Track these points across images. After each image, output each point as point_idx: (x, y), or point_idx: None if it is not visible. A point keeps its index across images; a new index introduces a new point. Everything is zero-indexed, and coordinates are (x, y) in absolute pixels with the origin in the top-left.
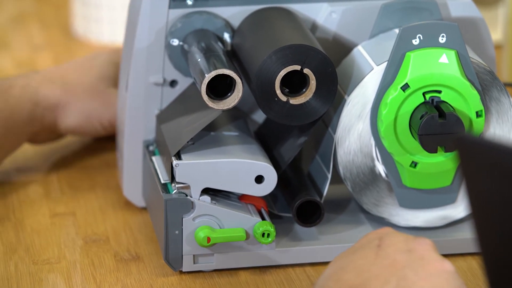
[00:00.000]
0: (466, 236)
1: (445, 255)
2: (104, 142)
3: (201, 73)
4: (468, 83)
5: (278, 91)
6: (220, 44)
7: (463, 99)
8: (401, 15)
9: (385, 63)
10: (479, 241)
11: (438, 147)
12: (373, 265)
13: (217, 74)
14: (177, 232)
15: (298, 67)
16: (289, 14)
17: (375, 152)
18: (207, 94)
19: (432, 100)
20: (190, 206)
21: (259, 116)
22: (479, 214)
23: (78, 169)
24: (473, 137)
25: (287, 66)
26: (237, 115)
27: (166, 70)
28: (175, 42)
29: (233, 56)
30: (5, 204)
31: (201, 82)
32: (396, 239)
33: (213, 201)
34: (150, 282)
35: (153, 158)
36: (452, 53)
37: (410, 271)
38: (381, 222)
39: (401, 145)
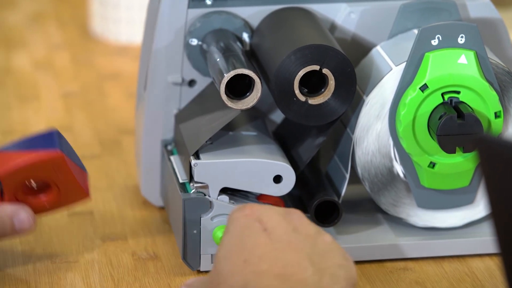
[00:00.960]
0: (484, 236)
1: (463, 256)
2: (122, 141)
3: (220, 72)
4: (487, 84)
5: (297, 91)
6: (239, 44)
7: (482, 99)
8: (420, 15)
9: (404, 64)
10: (498, 241)
11: (457, 148)
12: (274, 250)
13: (236, 74)
14: (195, 231)
15: (317, 67)
16: (308, 14)
17: (393, 153)
18: (226, 93)
19: (451, 100)
20: (208, 205)
21: (278, 116)
22: (499, 214)
23: (96, 168)
24: (492, 138)
25: (306, 66)
26: (255, 115)
27: (184, 70)
28: (194, 41)
29: (252, 56)
30: None
31: (220, 82)
32: (275, 218)
33: (231, 201)
34: (168, 281)
35: (172, 157)
36: (471, 54)
37: (311, 250)
38: (399, 222)
39: (420, 146)
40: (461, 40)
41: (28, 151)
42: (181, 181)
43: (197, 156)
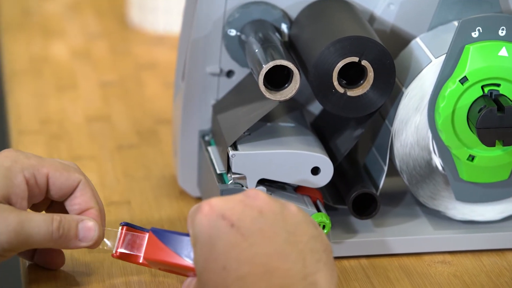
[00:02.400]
0: None
1: (502, 250)
2: (159, 131)
3: (258, 63)
4: None
5: (335, 83)
6: (277, 34)
7: None
8: (460, 7)
9: (444, 56)
10: None
11: (496, 141)
12: (250, 247)
13: (274, 65)
14: None
15: (356, 59)
16: (347, 5)
17: (432, 145)
18: (264, 85)
19: (491, 93)
20: None
21: (316, 108)
22: None
23: (133, 158)
24: None
25: (345, 58)
26: (293, 106)
27: (223, 60)
28: (233, 32)
29: (291, 47)
30: None
31: (259, 73)
32: (237, 209)
33: (269, 192)
34: None
35: (209, 148)
36: None
37: (283, 230)
38: (437, 215)
39: (459, 139)
40: (502, 32)
41: (177, 255)
42: (218, 172)
43: (235, 147)
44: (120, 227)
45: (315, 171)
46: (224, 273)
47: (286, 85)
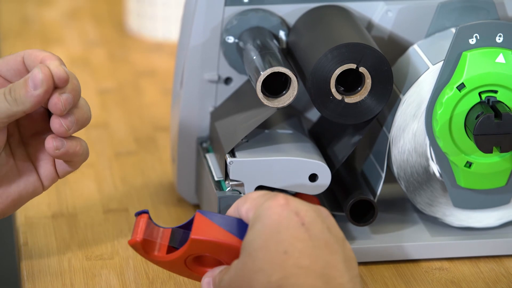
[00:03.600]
0: None
1: (499, 256)
2: (157, 138)
3: (256, 70)
4: None
5: (333, 90)
6: (275, 42)
7: None
8: (457, 14)
9: (441, 63)
10: None
11: (494, 148)
12: (314, 248)
13: (272, 71)
14: None
15: (353, 66)
16: (345, 12)
17: (429, 152)
18: (262, 91)
19: (488, 100)
20: None
21: (314, 115)
22: None
23: (131, 165)
24: None
25: (343, 65)
26: (291, 113)
27: (221, 67)
28: (231, 39)
29: (288, 54)
30: (59, 199)
31: (256, 80)
32: (311, 214)
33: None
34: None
35: (207, 155)
36: (509, 53)
37: (343, 254)
38: (434, 222)
39: (456, 145)
40: (499, 39)
41: (229, 233)
42: (216, 179)
43: (232, 154)
44: (139, 215)
45: (313, 178)
46: (284, 256)
47: (284, 92)
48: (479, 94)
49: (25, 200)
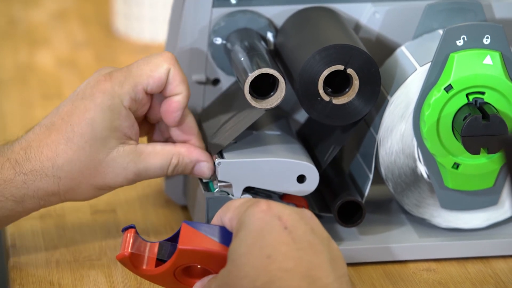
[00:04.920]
0: (508, 238)
1: (487, 257)
2: (145, 139)
3: (244, 72)
4: None
5: (321, 91)
6: (263, 43)
7: (507, 100)
8: (445, 16)
9: (429, 64)
10: None
11: (481, 149)
12: (298, 250)
13: (260, 73)
14: None
15: (341, 67)
16: (332, 14)
17: (417, 153)
18: (250, 93)
19: (476, 101)
20: None
21: (302, 116)
22: None
23: None
24: None
25: (331, 66)
26: (279, 115)
27: (208, 69)
28: (218, 40)
29: (276, 56)
30: None
31: (244, 81)
32: (294, 217)
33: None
34: None
35: None
36: (497, 55)
37: (328, 254)
38: (422, 223)
39: (444, 146)
40: (486, 40)
41: (215, 241)
42: (204, 180)
43: (221, 155)
44: (126, 231)
45: (301, 179)
46: (267, 260)
47: (272, 93)
48: (467, 95)
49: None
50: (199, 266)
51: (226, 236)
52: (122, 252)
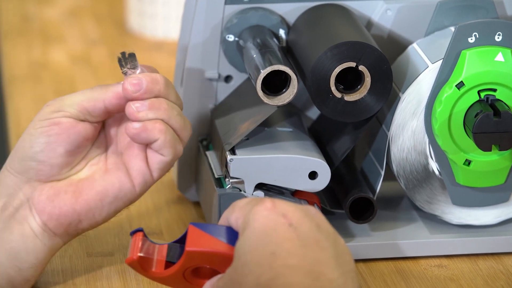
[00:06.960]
0: None
1: (498, 254)
2: None
3: (256, 68)
4: None
5: (333, 88)
6: (275, 40)
7: None
8: (456, 13)
9: (440, 61)
10: None
11: (493, 146)
12: (302, 247)
13: (272, 70)
14: None
15: (353, 64)
16: (344, 11)
17: (428, 150)
18: (262, 90)
19: (487, 98)
20: None
21: (313, 113)
22: None
23: None
24: None
25: (343, 63)
26: (291, 111)
27: (221, 66)
28: (231, 37)
29: (288, 53)
30: None
31: (257, 78)
32: (298, 214)
33: (267, 196)
34: None
35: (207, 153)
36: (508, 52)
37: (334, 250)
38: (433, 219)
39: (455, 143)
40: (498, 38)
41: (222, 241)
42: (217, 176)
43: (233, 151)
44: (134, 234)
45: (313, 175)
46: (271, 257)
47: (284, 90)
48: (478, 92)
49: (111, 197)
50: (208, 267)
51: (232, 236)
52: (131, 256)
